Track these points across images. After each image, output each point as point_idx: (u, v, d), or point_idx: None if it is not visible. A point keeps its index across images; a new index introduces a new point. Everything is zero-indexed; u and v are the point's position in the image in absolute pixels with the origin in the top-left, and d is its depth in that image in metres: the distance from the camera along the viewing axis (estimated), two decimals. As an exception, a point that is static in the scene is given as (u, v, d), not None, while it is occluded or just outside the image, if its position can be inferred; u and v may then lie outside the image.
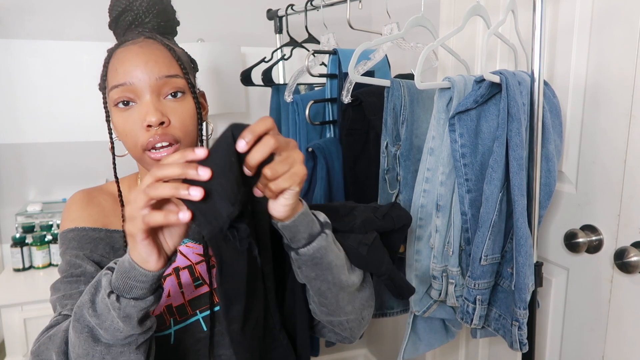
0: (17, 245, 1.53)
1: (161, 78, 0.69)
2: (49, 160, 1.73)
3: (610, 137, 0.99)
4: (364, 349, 2.27)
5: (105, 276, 0.57)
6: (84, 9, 1.70)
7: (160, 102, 0.70)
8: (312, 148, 1.14)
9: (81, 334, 0.56)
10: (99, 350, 0.56)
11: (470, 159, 0.91)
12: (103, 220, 0.77)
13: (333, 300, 0.68)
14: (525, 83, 0.92)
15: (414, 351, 1.09)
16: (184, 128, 0.71)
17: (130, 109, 0.70)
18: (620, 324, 1.00)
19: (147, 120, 0.67)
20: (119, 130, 0.72)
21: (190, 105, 0.72)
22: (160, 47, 0.72)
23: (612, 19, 0.97)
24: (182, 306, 0.75)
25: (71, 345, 0.58)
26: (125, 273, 0.54)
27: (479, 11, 0.98)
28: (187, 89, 0.72)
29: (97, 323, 0.56)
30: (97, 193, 0.80)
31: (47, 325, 0.66)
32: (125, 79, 0.68)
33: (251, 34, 1.89)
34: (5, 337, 1.41)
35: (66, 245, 0.73)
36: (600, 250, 1.03)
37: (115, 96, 0.70)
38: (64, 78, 1.71)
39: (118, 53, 0.72)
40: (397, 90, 1.03)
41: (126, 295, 0.54)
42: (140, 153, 0.70)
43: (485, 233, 0.90)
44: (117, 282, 0.55)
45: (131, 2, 0.76)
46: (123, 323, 0.55)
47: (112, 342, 0.56)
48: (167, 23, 0.80)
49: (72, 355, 0.58)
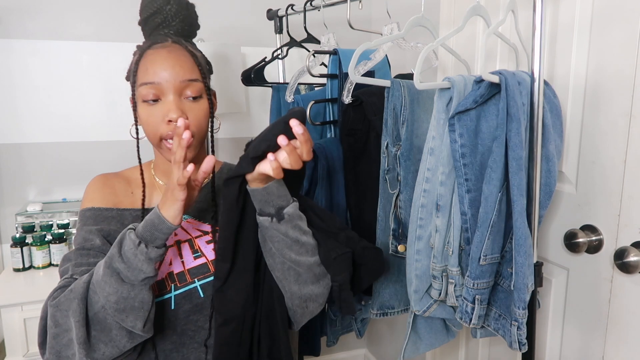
0: (17, 245, 1.53)
1: (184, 81, 0.82)
2: (49, 160, 1.73)
3: (610, 137, 0.99)
4: (364, 349, 2.27)
5: (130, 233, 0.73)
6: (84, 9, 1.70)
7: (181, 102, 0.83)
8: (313, 148, 1.14)
9: (111, 277, 0.72)
10: (126, 287, 0.72)
11: (470, 159, 0.91)
12: (114, 201, 0.89)
13: (279, 269, 0.81)
14: (525, 83, 0.92)
15: (414, 351, 1.09)
16: (198, 125, 0.84)
17: (155, 104, 0.83)
18: (620, 324, 1.00)
19: (169, 116, 0.81)
20: (143, 120, 0.84)
21: (204, 106, 0.86)
22: (185, 52, 0.84)
23: (612, 19, 0.98)
24: (181, 273, 0.86)
25: (99, 288, 0.72)
26: (154, 227, 0.72)
27: (479, 11, 0.98)
28: (203, 92, 0.85)
29: (124, 267, 0.72)
30: (112, 177, 0.93)
31: (58, 286, 0.77)
32: (154, 78, 0.81)
33: (251, 34, 1.90)
34: (5, 337, 1.41)
35: (83, 222, 0.86)
36: (600, 250, 1.03)
37: (144, 92, 0.82)
38: (64, 78, 1.71)
39: (149, 54, 0.84)
40: (398, 90, 1.03)
41: (151, 244, 0.72)
42: (158, 141, 0.84)
43: (485, 233, 0.90)
44: (145, 234, 0.72)
45: (162, 6, 0.88)
46: (147, 265, 0.72)
47: (135, 282, 0.73)
48: (191, 27, 0.92)
49: (100, 296, 0.72)
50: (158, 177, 0.94)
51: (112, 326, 0.73)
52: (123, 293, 0.72)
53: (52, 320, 0.74)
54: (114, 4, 1.72)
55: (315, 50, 1.18)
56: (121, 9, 1.73)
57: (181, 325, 0.85)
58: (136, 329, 0.74)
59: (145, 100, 0.83)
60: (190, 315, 0.85)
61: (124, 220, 0.87)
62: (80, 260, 0.80)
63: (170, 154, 0.84)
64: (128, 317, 0.73)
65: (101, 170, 1.79)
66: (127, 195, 0.91)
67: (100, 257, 0.80)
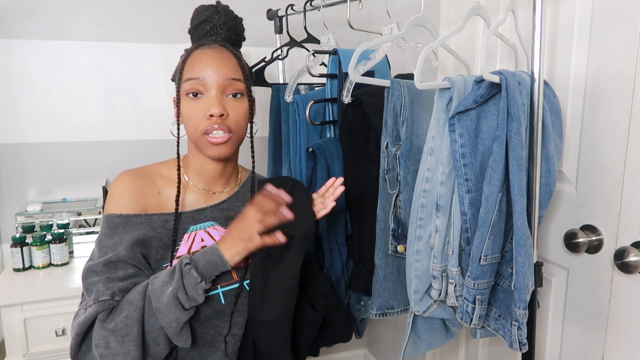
0: (17, 245, 1.53)
1: (227, 79, 0.86)
2: (49, 160, 1.73)
3: (610, 137, 0.99)
4: (363, 349, 2.27)
5: (191, 270, 0.79)
6: (84, 9, 1.70)
7: (223, 99, 0.86)
8: (312, 148, 1.15)
9: (175, 307, 0.78)
10: (186, 314, 0.79)
11: (470, 159, 0.91)
12: (142, 205, 0.89)
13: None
14: (525, 83, 0.92)
15: (414, 351, 1.09)
16: (237, 123, 0.88)
17: (198, 99, 0.85)
18: (620, 324, 1.00)
19: (211, 110, 0.84)
20: (185, 115, 0.87)
21: (245, 105, 0.89)
22: (230, 54, 0.88)
23: (612, 19, 0.97)
24: None
25: (161, 315, 0.78)
26: (216, 267, 0.81)
27: (479, 11, 0.98)
28: (245, 92, 0.89)
29: (186, 300, 0.78)
30: (138, 176, 0.92)
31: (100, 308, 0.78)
32: (199, 74, 0.85)
33: (251, 34, 1.89)
34: (5, 337, 1.41)
35: (111, 229, 0.85)
36: (600, 250, 1.03)
37: (188, 87, 0.85)
38: (64, 78, 1.71)
39: (196, 53, 0.88)
40: (397, 90, 1.03)
41: (208, 279, 0.81)
42: (199, 136, 0.86)
43: (485, 233, 0.90)
44: (206, 272, 0.80)
45: (211, 15, 0.92)
46: (202, 296, 0.80)
47: (190, 307, 0.80)
48: (237, 37, 0.97)
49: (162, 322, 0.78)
50: (187, 176, 0.95)
51: (160, 341, 0.80)
52: (182, 319, 0.79)
53: (103, 342, 0.77)
54: (114, 4, 1.72)
55: (315, 50, 1.18)
56: (121, 9, 1.73)
57: (201, 329, 0.87)
58: (187, 344, 0.82)
59: (188, 94, 0.85)
60: (211, 320, 0.87)
61: (152, 225, 0.87)
62: (110, 275, 0.81)
63: (209, 149, 0.87)
64: (182, 337, 0.81)
65: (101, 170, 1.81)
66: (153, 196, 0.91)
67: (129, 269, 0.82)
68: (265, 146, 1.51)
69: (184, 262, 0.80)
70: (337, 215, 1.17)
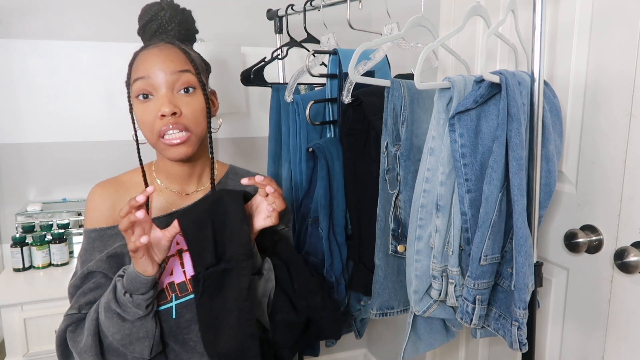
0: (17, 245, 1.53)
1: (175, 72, 0.81)
2: (49, 160, 1.73)
3: (610, 137, 0.99)
4: (363, 349, 2.27)
5: (119, 282, 0.78)
6: (84, 9, 1.70)
7: (174, 96, 0.82)
8: (312, 148, 1.15)
9: (112, 319, 0.78)
10: (127, 325, 0.78)
11: (470, 159, 0.91)
12: (114, 216, 0.88)
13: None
14: (525, 83, 0.92)
15: (414, 351, 1.09)
16: (194, 119, 0.83)
17: (149, 101, 0.82)
18: (620, 323, 1.00)
19: (162, 110, 0.80)
20: (139, 119, 0.84)
21: (200, 100, 0.84)
22: (176, 50, 0.85)
23: (612, 19, 0.97)
24: (183, 283, 0.87)
25: (105, 327, 0.79)
26: (133, 279, 0.76)
27: (479, 11, 0.98)
28: (197, 85, 0.84)
29: (121, 311, 0.77)
30: (109, 187, 0.91)
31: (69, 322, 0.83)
32: (145, 72, 0.81)
33: (251, 34, 1.89)
34: (5, 337, 1.41)
35: (89, 243, 0.88)
36: (600, 250, 1.03)
37: (137, 88, 0.82)
38: (64, 78, 1.71)
39: (141, 54, 0.85)
40: (397, 90, 1.03)
41: (135, 292, 0.77)
42: (155, 139, 0.83)
43: (485, 233, 0.90)
44: (128, 285, 0.77)
45: (157, 12, 0.88)
46: (137, 309, 0.77)
47: (133, 319, 0.78)
48: (187, 31, 0.93)
49: (107, 333, 0.79)
50: (160, 179, 0.93)
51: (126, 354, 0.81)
52: (126, 330, 0.78)
53: (74, 352, 0.81)
54: (114, 4, 1.72)
55: (315, 50, 1.18)
56: (121, 9, 1.73)
57: (182, 335, 0.85)
58: (145, 356, 0.80)
59: (138, 96, 0.82)
60: (192, 325, 0.85)
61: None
62: (84, 288, 0.84)
63: (168, 151, 0.83)
64: (135, 349, 0.79)
65: (101, 170, 1.81)
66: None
67: (99, 278, 0.85)
68: (265, 146, 1.51)
69: (118, 274, 0.80)
70: (337, 215, 1.17)
